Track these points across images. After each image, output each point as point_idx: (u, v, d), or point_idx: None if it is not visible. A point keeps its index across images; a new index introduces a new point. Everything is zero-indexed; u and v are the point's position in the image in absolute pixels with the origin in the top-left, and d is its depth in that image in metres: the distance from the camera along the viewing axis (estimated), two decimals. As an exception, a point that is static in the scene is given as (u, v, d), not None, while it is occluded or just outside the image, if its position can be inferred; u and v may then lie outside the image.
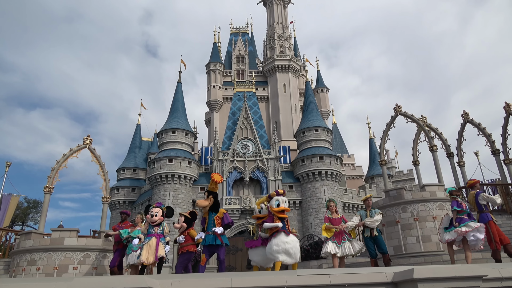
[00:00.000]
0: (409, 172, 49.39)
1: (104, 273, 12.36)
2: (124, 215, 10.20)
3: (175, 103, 41.00)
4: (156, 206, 8.14)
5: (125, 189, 42.25)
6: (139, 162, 44.95)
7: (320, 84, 55.09)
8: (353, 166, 52.23)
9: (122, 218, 10.14)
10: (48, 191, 16.69)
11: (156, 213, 7.93)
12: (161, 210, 8.05)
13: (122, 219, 10.10)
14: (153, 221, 7.86)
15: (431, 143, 17.00)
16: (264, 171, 37.48)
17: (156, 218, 7.86)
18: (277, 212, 7.26)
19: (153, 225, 7.90)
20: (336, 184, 37.31)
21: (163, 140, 38.28)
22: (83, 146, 18.09)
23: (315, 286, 5.08)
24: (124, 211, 10.37)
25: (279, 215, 7.25)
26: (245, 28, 58.28)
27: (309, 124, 39.20)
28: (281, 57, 50.41)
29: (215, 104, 48.80)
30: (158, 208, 8.05)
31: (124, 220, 10.02)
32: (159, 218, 7.92)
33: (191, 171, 37.16)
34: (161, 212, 8.03)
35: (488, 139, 17.78)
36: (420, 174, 18.47)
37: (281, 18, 54.18)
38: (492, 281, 5.08)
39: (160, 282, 4.94)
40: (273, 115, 48.29)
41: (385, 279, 5.09)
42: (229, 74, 51.71)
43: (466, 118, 18.43)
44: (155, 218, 7.87)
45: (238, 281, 5.10)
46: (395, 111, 17.68)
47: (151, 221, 7.89)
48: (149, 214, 8.02)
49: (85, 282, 4.60)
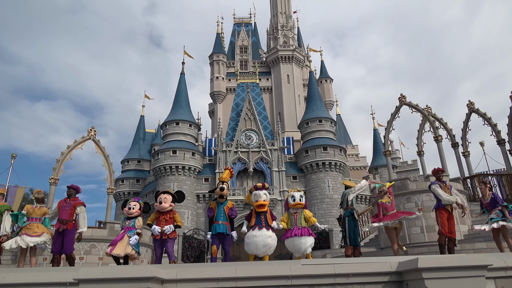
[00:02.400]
0: (414, 163, 49.28)
1: (110, 263, 12.50)
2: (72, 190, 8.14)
3: (179, 94, 40.96)
4: (134, 200, 7.73)
5: (130, 180, 42.53)
6: (143, 153, 45.14)
7: (324, 75, 54.73)
8: (357, 157, 52.11)
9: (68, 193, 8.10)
10: (53, 182, 16.81)
11: (134, 206, 7.51)
12: (138, 204, 7.76)
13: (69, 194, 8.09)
14: (130, 213, 7.49)
15: (436, 133, 16.88)
16: (268, 162, 37.50)
17: (133, 211, 7.47)
18: (256, 206, 7.43)
19: (129, 217, 7.52)
20: (340, 174, 37.28)
21: (167, 132, 38.34)
22: (88, 137, 18.17)
23: (320, 276, 5.09)
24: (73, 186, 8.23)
25: (257, 209, 7.41)
26: (248, 19, 57.80)
27: (313, 115, 39.06)
28: (285, 48, 50.04)
29: (218, 95, 48.70)
30: (135, 202, 7.75)
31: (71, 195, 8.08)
32: (136, 211, 7.50)
33: (195, 162, 37.26)
34: (139, 206, 7.76)
35: (493, 129, 17.63)
36: (424, 164, 18.39)
37: (284, 8, 53.67)
38: (497, 270, 5.07)
39: (165, 271, 4.98)
40: (277, 106, 48.13)
41: (389, 268, 5.10)
42: (233, 65, 51.45)
43: (472, 108, 18.26)
44: (132, 211, 7.47)
45: (243, 270, 5.12)
46: (399, 101, 17.54)
47: (128, 213, 7.52)
48: (127, 207, 7.56)
49: (91, 272, 4.64)
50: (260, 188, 7.59)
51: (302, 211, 7.56)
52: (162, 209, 7.42)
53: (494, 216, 7.81)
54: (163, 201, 7.43)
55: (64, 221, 7.76)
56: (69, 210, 7.85)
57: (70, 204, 7.93)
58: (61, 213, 7.84)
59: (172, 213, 7.49)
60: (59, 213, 7.88)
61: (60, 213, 7.86)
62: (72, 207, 7.90)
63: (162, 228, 7.22)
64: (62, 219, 7.78)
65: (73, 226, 7.84)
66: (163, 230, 7.19)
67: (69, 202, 7.96)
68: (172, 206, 7.53)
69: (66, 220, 7.76)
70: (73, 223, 7.86)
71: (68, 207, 7.89)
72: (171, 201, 7.53)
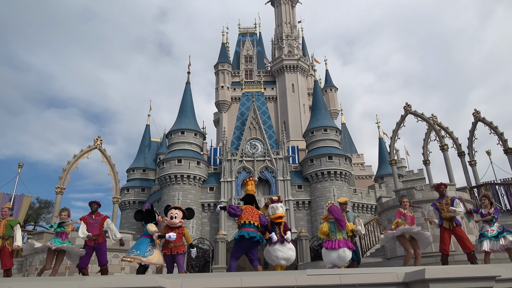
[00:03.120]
0: (420, 172, 48.88)
1: (114, 272, 12.48)
2: (96, 206, 8.53)
3: (184, 103, 41.23)
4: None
5: (135, 189, 42.63)
6: (148, 162, 45.30)
7: (329, 84, 54.87)
8: (362, 166, 51.91)
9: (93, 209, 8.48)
10: (59, 191, 16.92)
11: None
12: (181, 212, 7.71)
13: (94, 210, 8.46)
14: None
15: (441, 142, 16.81)
16: (273, 171, 37.46)
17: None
18: (274, 218, 7.69)
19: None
20: (345, 184, 37.11)
21: (172, 141, 38.51)
22: (94, 147, 18.29)
23: (325, 286, 5.05)
24: (95, 201, 8.63)
25: (275, 220, 7.68)
26: (253, 28, 58.33)
27: (318, 124, 39.07)
28: (289, 57, 50.33)
29: (223, 105, 48.92)
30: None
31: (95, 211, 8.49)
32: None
33: (200, 171, 37.30)
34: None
35: (500, 138, 17.51)
36: (430, 174, 18.27)
37: (289, 18, 54.10)
38: (506, 281, 5.00)
39: (170, 281, 4.97)
40: (282, 115, 48.23)
41: (396, 279, 5.05)
42: (237, 74, 51.79)
43: (478, 116, 18.17)
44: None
45: (248, 280, 5.10)
46: (405, 110, 17.51)
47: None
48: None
49: (96, 281, 4.64)
50: (276, 201, 7.91)
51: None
52: (172, 224, 7.46)
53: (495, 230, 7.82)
54: (173, 217, 7.50)
55: (94, 236, 8.18)
56: (97, 226, 8.31)
57: (97, 219, 8.39)
58: (90, 229, 8.21)
59: (181, 229, 7.56)
60: (87, 229, 8.21)
61: (88, 229, 8.20)
62: (100, 222, 8.38)
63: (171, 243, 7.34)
64: (93, 234, 8.18)
65: (103, 239, 8.36)
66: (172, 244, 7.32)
67: (95, 218, 8.40)
68: (182, 222, 7.59)
69: (97, 236, 8.20)
70: (103, 236, 8.37)
71: (96, 223, 8.34)
72: (181, 217, 7.62)
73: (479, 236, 8.09)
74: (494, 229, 7.83)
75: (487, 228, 7.92)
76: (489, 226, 7.92)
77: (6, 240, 8.14)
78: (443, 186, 8.48)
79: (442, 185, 8.53)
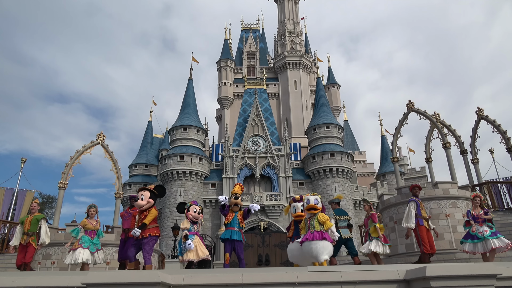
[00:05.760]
0: (422, 170, 48.83)
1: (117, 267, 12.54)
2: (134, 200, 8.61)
3: (186, 99, 41.23)
4: (193, 204, 7.53)
5: (137, 185, 42.71)
6: (150, 158, 45.40)
7: (332, 81, 54.72)
8: (364, 163, 51.84)
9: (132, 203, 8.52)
10: (62, 186, 16.98)
11: (142, 196, 7.06)
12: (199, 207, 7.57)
13: (132, 204, 8.57)
14: (196, 218, 7.35)
15: (444, 140, 16.75)
16: (275, 168, 37.47)
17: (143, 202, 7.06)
18: (295, 217, 8.03)
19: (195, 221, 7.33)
20: (347, 181, 37.09)
21: (175, 137, 38.56)
22: (96, 142, 18.33)
23: (326, 283, 5.07)
24: (134, 196, 8.58)
25: (296, 218, 8.04)
26: (255, 25, 58.12)
27: (320, 121, 39.01)
28: (292, 54, 50.17)
29: (226, 101, 48.89)
30: (197, 205, 7.51)
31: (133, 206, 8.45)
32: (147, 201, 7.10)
33: (202, 167, 37.36)
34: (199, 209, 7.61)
35: (503, 136, 17.44)
36: (433, 172, 18.22)
37: (292, 15, 53.90)
38: (507, 279, 5.01)
39: (172, 277, 5.00)
40: (284, 112, 48.16)
41: (397, 276, 5.06)
42: (240, 71, 51.69)
43: (481, 114, 18.09)
44: (142, 202, 7.05)
45: (249, 277, 5.12)
46: (407, 108, 17.45)
47: (195, 217, 7.34)
48: (192, 212, 7.36)
49: (99, 276, 4.68)
50: (298, 200, 8.16)
51: (316, 215, 7.27)
52: (139, 206, 7.05)
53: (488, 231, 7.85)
54: (140, 198, 7.08)
55: (127, 230, 8.26)
56: (129, 220, 8.49)
57: (130, 213, 8.57)
58: (124, 223, 8.49)
59: (148, 211, 7.10)
60: (123, 223, 8.50)
61: (123, 223, 8.49)
62: (132, 216, 8.50)
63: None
64: (124, 228, 8.35)
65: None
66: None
67: (129, 212, 8.62)
68: (150, 202, 7.11)
69: (129, 229, 8.20)
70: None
71: (128, 216, 8.57)
72: (149, 197, 7.14)
73: (466, 236, 8.11)
74: (487, 229, 7.79)
75: (479, 230, 7.86)
76: (480, 227, 7.87)
77: (31, 236, 8.16)
78: (417, 188, 8.97)
79: (416, 186, 9.01)
